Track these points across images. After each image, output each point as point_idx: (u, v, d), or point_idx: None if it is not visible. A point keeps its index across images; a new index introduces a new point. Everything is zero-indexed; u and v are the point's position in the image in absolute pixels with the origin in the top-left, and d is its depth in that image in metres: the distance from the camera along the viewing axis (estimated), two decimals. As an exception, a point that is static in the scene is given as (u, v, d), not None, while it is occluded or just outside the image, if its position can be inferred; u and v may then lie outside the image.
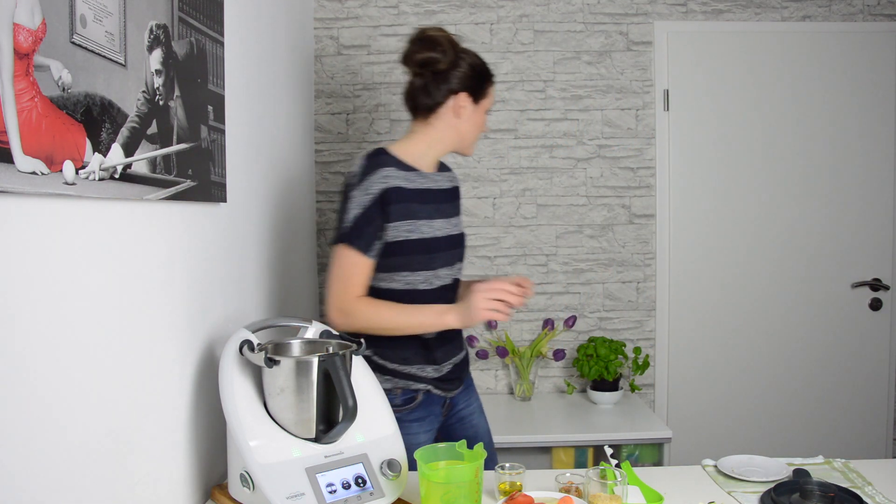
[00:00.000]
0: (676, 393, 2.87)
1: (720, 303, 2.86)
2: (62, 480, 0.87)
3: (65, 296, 0.88)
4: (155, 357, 1.14)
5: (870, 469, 1.46)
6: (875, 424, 2.87)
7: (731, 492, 1.35)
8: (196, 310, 1.31)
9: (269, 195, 1.91)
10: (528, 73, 2.79)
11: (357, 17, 2.76)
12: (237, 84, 1.60)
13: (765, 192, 2.83)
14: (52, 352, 0.85)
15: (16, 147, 0.75)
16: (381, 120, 2.77)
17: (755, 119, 2.82)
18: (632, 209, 2.83)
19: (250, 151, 1.73)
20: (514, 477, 1.30)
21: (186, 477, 1.26)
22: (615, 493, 1.19)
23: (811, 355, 2.86)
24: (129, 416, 1.04)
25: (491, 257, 2.82)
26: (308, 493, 1.15)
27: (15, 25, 0.75)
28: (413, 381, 1.57)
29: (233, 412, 1.19)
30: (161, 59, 1.13)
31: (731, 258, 2.85)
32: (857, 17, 2.82)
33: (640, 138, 2.81)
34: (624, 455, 2.38)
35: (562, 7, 2.79)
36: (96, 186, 0.92)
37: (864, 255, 2.85)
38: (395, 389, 1.56)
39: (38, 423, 0.82)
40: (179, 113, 1.21)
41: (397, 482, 1.25)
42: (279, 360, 1.21)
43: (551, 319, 2.79)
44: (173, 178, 1.18)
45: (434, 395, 1.61)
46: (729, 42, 2.80)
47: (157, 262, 1.15)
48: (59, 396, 0.86)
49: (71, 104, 0.86)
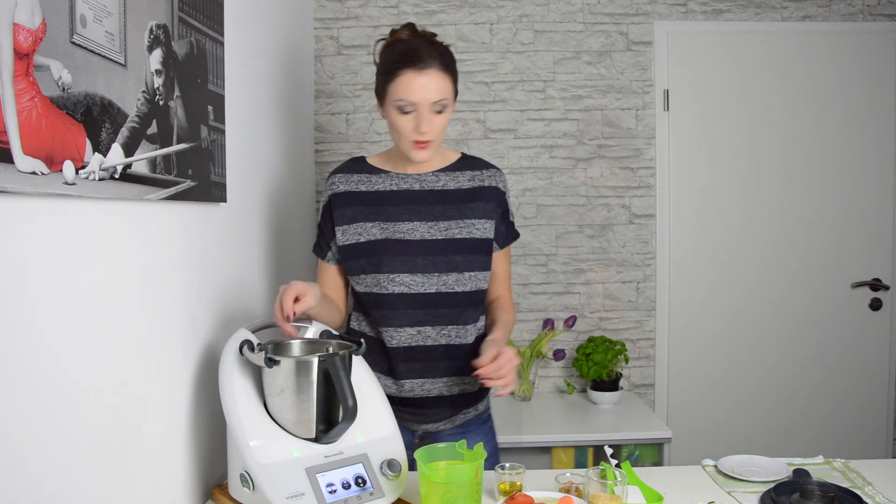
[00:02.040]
0: (676, 393, 2.87)
1: (720, 303, 2.86)
2: (63, 480, 0.87)
3: (65, 296, 0.88)
4: (155, 357, 1.14)
5: (870, 469, 1.46)
6: (875, 424, 2.87)
7: (731, 492, 1.35)
8: (196, 310, 1.31)
9: (269, 195, 1.91)
10: (528, 73, 2.79)
11: (357, 17, 2.76)
12: (237, 84, 1.60)
13: (764, 192, 2.83)
14: (51, 352, 0.85)
15: (16, 147, 0.75)
16: (380, 120, 2.77)
17: (755, 119, 2.81)
18: (632, 209, 2.83)
19: (250, 151, 1.73)
20: (514, 477, 1.30)
21: (186, 477, 1.26)
22: (615, 493, 1.19)
23: (811, 355, 2.86)
24: (129, 416, 1.04)
25: (491, 257, 2.82)
26: (308, 493, 1.15)
27: (15, 25, 0.75)
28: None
29: (233, 412, 1.19)
30: (161, 59, 1.13)
31: (731, 258, 2.85)
32: (857, 17, 2.82)
33: (640, 138, 2.81)
34: (624, 455, 2.38)
35: (562, 7, 2.79)
36: (96, 186, 0.92)
37: (864, 255, 2.85)
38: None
39: (38, 423, 0.82)
40: (179, 113, 1.21)
41: (397, 482, 1.25)
42: (279, 360, 1.21)
43: (551, 319, 2.78)
44: (173, 178, 1.18)
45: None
46: (729, 42, 2.80)
47: (158, 262, 1.15)
48: (58, 396, 0.86)
49: (71, 104, 0.86)
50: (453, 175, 1.52)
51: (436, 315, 1.47)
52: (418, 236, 1.46)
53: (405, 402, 1.50)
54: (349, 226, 1.49)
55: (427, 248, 1.45)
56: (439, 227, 1.47)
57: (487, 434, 1.61)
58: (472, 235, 1.48)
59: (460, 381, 1.51)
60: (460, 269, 1.46)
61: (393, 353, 1.48)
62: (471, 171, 1.53)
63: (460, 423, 1.57)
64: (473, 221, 1.48)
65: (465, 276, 1.47)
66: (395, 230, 1.46)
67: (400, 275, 1.45)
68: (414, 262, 1.45)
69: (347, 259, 1.50)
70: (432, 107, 1.39)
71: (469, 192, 1.50)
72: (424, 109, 1.38)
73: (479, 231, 1.48)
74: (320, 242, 1.55)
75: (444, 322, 1.47)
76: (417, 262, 1.45)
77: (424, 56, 1.37)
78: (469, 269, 1.47)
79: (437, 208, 1.48)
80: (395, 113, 1.40)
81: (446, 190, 1.50)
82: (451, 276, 1.46)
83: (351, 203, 1.50)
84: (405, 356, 1.47)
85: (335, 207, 1.51)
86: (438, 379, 1.49)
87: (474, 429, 1.58)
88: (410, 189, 1.50)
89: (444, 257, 1.46)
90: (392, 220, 1.47)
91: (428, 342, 1.47)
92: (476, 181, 1.51)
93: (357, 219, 1.49)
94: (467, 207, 1.49)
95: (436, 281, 1.46)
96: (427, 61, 1.37)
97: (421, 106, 1.38)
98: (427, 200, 1.49)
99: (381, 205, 1.48)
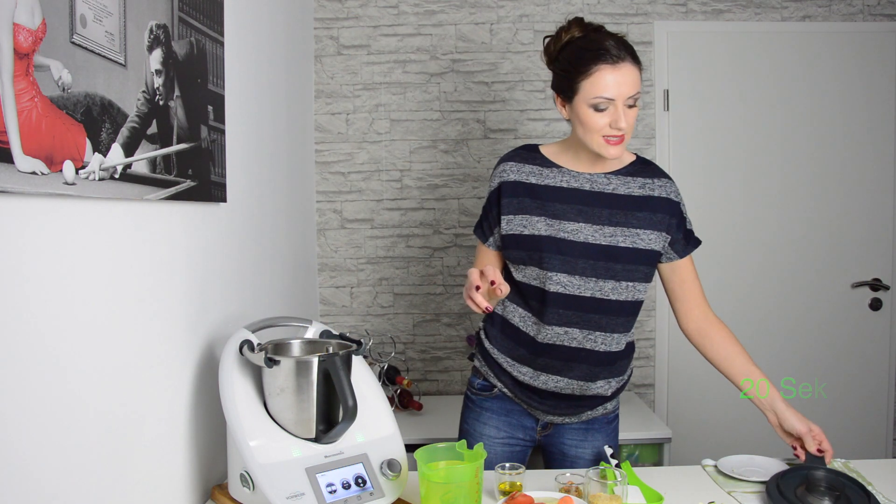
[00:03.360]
0: (676, 393, 2.87)
1: (720, 303, 2.85)
2: (62, 480, 0.87)
3: (64, 296, 0.88)
4: (155, 357, 1.14)
5: (870, 469, 1.46)
6: (875, 424, 2.87)
7: (731, 492, 1.35)
8: (196, 310, 1.31)
9: (269, 195, 1.91)
10: (528, 73, 2.79)
11: (357, 17, 2.76)
12: (237, 84, 1.60)
13: (764, 192, 2.83)
14: (51, 352, 0.85)
15: (16, 147, 0.75)
16: (381, 120, 2.77)
17: (755, 119, 2.81)
18: (632, 209, 2.82)
19: (250, 151, 1.73)
20: (514, 477, 1.30)
21: (186, 477, 1.26)
22: (615, 493, 1.19)
23: (811, 355, 2.86)
24: (128, 416, 1.04)
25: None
26: (308, 493, 1.15)
27: (15, 25, 0.75)
28: (495, 374, 1.56)
29: (233, 412, 1.19)
30: (161, 59, 1.13)
31: (731, 258, 2.85)
32: (857, 17, 2.82)
33: (640, 138, 2.81)
34: (624, 455, 2.38)
35: (562, 7, 2.78)
36: (96, 186, 0.92)
37: (864, 255, 2.85)
38: (480, 371, 1.60)
39: (37, 423, 0.82)
40: (179, 113, 1.21)
41: (397, 482, 1.25)
42: (279, 360, 1.21)
43: (551, 319, 2.78)
44: (173, 178, 1.18)
45: (518, 404, 1.53)
46: (729, 42, 2.80)
47: (157, 262, 1.15)
48: (58, 397, 0.86)
49: (71, 104, 0.86)
50: (624, 180, 1.48)
51: (586, 319, 1.46)
52: (582, 238, 1.44)
53: (537, 392, 1.52)
54: (515, 216, 1.49)
55: (589, 252, 1.44)
56: (604, 232, 1.44)
57: (611, 434, 1.62)
58: (636, 245, 1.44)
59: (595, 385, 1.51)
60: (619, 277, 1.45)
61: (538, 346, 1.48)
62: (643, 178, 1.48)
63: (586, 420, 1.59)
64: (639, 231, 1.45)
65: (622, 286, 1.45)
66: (561, 228, 1.45)
67: (558, 274, 1.44)
68: (574, 264, 1.44)
69: (510, 248, 1.50)
70: (627, 101, 1.36)
71: (639, 199, 1.46)
72: (620, 104, 1.36)
73: (643, 241, 1.45)
74: (482, 225, 1.56)
75: (592, 327, 1.47)
76: (577, 265, 1.44)
77: (616, 51, 1.35)
78: (628, 279, 1.45)
79: (605, 212, 1.45)
80: (587, 110, 1.38)
81: (616, 194, 1.46)
82: (608, 283, 1.45)
83: (519, 193, 1.49)
84: (547, 352, 1.48)
85: (503, 195, 1.50)
86: (574, 380, 1.49)
87: (598, 427, 1.60)
88: (581, 188, 1.47)
89: (604, 263, 1.44)
90: (558, 218, 1.46)
91: (573, 343, 1.47)
92: (647, 189, 1.47)
93: (524, 210, 1.48)
94: (634, 216, 1.45)
95: (592, 286, 1.45)
96: (621, 56, 1.35)
97: (617, 101, 1.36)
98: (595, 202, 1.46)
99: (550, 200, 1.47)
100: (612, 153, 1.40)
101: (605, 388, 1.52)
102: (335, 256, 2.78)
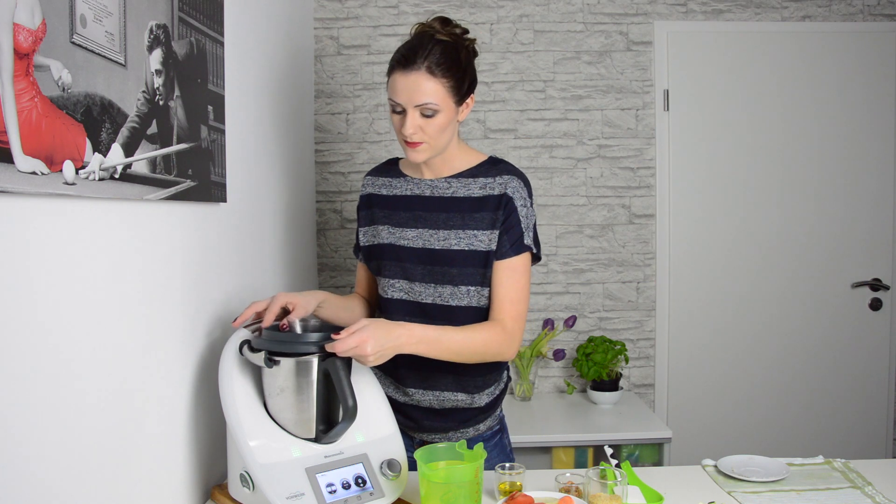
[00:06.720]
0: (676, 393, 2.87)
1: (720, 303, 2.86)
2: (63, 479, 0.87)
3: (65, 296, 0.88)
4: (155, 357, 1.14)
5: (870, 469, 1.46)
6: (875, 424, 2.87)
7: (731, 492, 1.35)
8: (196, 309, 1.31)
9: (269, 195, 1.91)
10: (528, 73, 2.79)
11: (357, 17, 2.76)
12: (237, 84, 1.60)
13: (764, 192, 2.83)
14: (51, 352, 0.85)
15: (16, 147, 0.75)
16: (381, 120, 2.77)
17: (755, 119, 2.81)
18: (632, 209, 2.83)
19: (250, 151, 1.73)
20: (514, 477, 1.30)
21: (186, 477, 1.26)
22: (615, 493, 1.19)
23: (811, 355, 2.86)
24: (129, 416, 1.04)
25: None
26: (308, 493, 1.15)
27: (15, 25, 0.75)
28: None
29: (233, 412, 1.19)
30: (161, 59, 1.13)
31: (731, 258, 2.85)
32: (856, 17, 2.82)
33: (640, 138, 2.81)
34: (624, 455, 2.38)
35: (562, 7, 2.79)
36: (96, 186, 0.92)
37: (864, 255, 2.85)
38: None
39: (38, 422, 0.82)
40: (179, 113, 1.21)
41: (397, 482, 1.25)
42: (279, 360, 1.21)
43: (551, 319, 2.78)
44: (173, 178, 1.18)
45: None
46: (729, 42, 2.80)
47: (157, 262, 1.15)
48: (58, 396, 0.86)
49: (71, 104, 0.86)
50: (466, 182, 1.43)
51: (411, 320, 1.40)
52: (420, 244, 1.44)
53: (402, 409, 1.48)
54: (368, 227, 1.54)
55: (425, 258, 1.43)
56: (438, 237, 1.42)
57: (498, 456, 1.54)
58: (473, 247, 1.39)
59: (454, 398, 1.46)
60: (455, 281, 1.41)
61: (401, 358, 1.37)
62: (486, 177, 1.42)
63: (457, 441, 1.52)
64: (476, 233, 1.39)
65: (460, 290, 1.41)
66: (402, 236, 1.46)
67: (400, 281, 1.46)
68: (412, 270, 1.44)
69: (366, 260, 1.56)
70: (418, 109, 1.33)
71: (477, 200, 1.41)
72: (411, 110, 1.34)
73: (481, 243, 1.39)
74: (356, 241, 1.60)
75: None
76: (416, 271, 1.44)
77: (414, 57, 1.32)
78: (465, 283, 1.40)
79: (441, 216, 1.43)
80: (392, 112, 1.38)
81: (455, 198, 1.43)
82: (446, 288, 1.41)
83: (372, 205, 1.54)
84: (406, 362, 1.42)
85: (360, 209, 1.57)
86: (432, 391, 1.46)
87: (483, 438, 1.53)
88: (421, 195, 1.46)
89: (440, 268, 1.41)
90: (400, 226, 1.47)
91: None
92: (487, 189, 1.41)
93: (374, 221, 1.52)
94: (472, 218, 1.40)
95: (431, 292, 1.43)
96: (415, 63, 1.31)
97: (407, 107, 1.33)
98: (434, 207, 1.44)
99: (395, 209, 1.49)
100: (412, 157, 1.39)
101: (466, 402, 1.46)
102: (335, 256, 2.78)
